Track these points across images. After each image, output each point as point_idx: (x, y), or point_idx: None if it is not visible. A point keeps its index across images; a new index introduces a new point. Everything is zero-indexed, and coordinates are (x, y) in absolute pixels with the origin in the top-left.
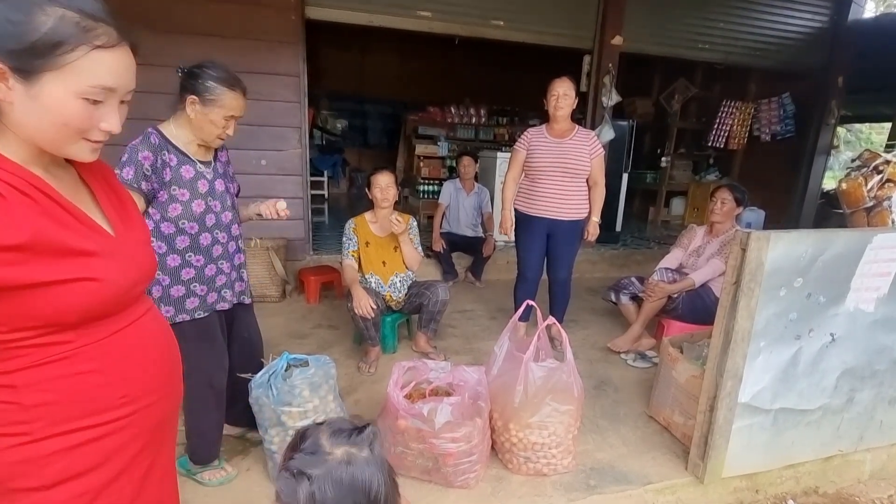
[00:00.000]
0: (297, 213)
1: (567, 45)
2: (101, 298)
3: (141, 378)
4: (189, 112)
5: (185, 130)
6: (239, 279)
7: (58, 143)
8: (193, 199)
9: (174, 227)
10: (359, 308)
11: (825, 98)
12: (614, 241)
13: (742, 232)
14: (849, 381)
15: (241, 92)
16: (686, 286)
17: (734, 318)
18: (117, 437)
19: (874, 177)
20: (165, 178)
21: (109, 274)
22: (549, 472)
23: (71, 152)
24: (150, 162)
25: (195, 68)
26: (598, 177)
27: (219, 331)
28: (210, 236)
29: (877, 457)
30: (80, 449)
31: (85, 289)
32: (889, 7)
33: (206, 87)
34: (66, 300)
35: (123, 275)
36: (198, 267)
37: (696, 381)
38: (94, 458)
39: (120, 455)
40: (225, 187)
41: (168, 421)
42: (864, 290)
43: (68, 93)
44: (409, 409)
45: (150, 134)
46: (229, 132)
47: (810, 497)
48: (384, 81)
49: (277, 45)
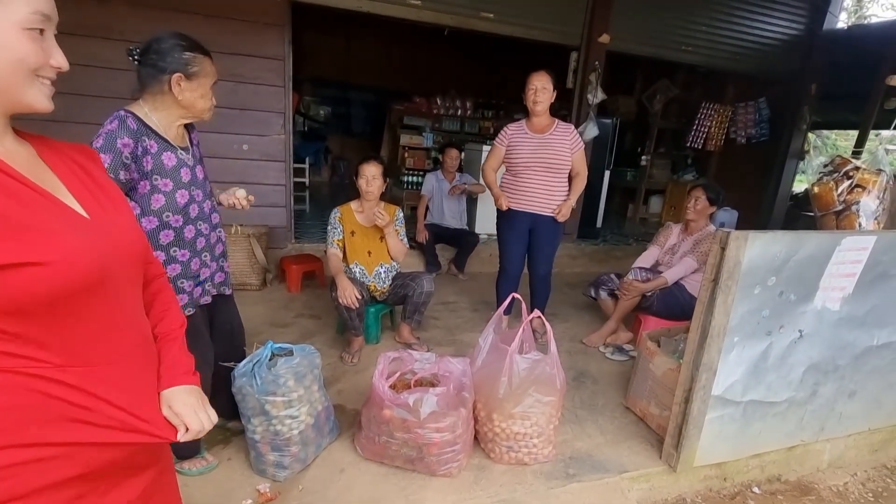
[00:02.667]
0: (279, 200)
1: (555, 40)
2: (61, 282)
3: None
4: (176, 92)
5: (164, 113)
6: (220, 270)
7: (15, 88)
8: (177, 189)
9: (157, 220)
10: (343, 298)
11: (798, 104)
12: (594, 237)
13: (721, 231)
14: (813, 375)
15: (210, 57)
16: (659, 285)
17: (711, 314)
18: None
19: (844, 182)
20: (146, 168)
21: (73, 255)
22: (530, 461)
23: (29, 97)
24: (129, 149)
25: (159, 44)
26: (581, 168)
27: (203, 326)
28: (194, 228)
29: (835, 446)
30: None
31: (36, 273)
32: (860, 19)
33: (186, 60)
34: (19, 286)
35: (93, 257)
36: (183, 262)
37: (673, 374)
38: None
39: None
40: (204, 174)
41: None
42: (832, 289)
43: (14, 24)
44: (394, 399)
45: (125, 117)
46: (214, 101)
47: (773, 484)
48: (369, 69)
49: (263, 27)
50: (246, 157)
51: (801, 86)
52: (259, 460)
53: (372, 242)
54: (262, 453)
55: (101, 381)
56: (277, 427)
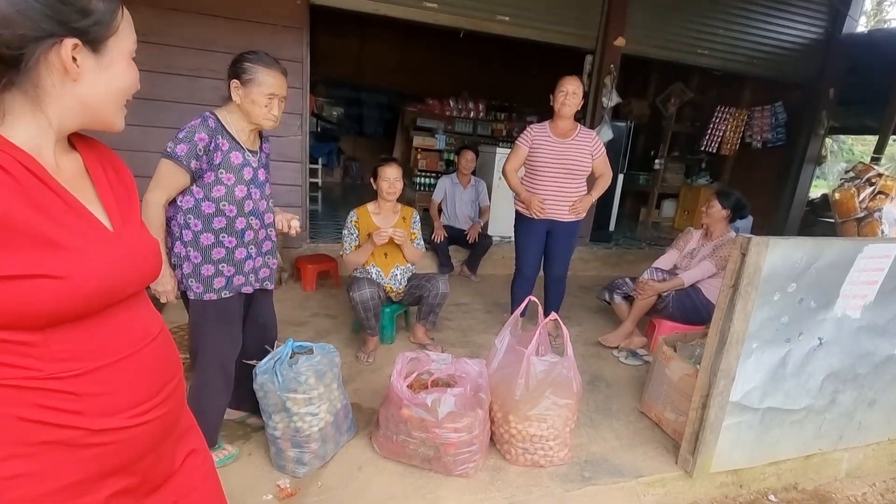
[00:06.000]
0: (295, 200)
1: (571, 43)
2: (72, 295)
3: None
4: (234, 97)
5: (236, 117)
6: (265, 266)
7: (110, 113)
8: (237, 183)
9: (215, 207)
10: (378, 237)
11: (816, 108)
12: (607, 241)
13: (742, 237)
14: (833, 383)
15: (278, 71)
16: (675, 285)
17: (730, 320)
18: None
19: (867, 188)
20: (215, 161)
21: (87, 272)
22: (546, 463)
23: (114, 119)
24: (204, 143)
25: (237, 57)
26: (605, 170)
27: (238, 315)
28: (245, 221)
29: (854, 456)
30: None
31: (52, 286)
32: (880, 22)
33: (244, 69)
34: (31, 296)
35: (111, 272)
36: (229, 248)
37: (690, 379)
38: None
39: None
40: (265, 177)
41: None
42: (853, 296)
43: (124, 54)
44: (412, 399)
45: (208, 117)
46: (275, 112)
47: (790, 493)
48: (382, 70)
49: (282, 29)
50: None
51: (819, 90)
52: (279, 456)
53: (388, 245)
54: (282, 449)
55: (99, 383)
56: (298, 424)
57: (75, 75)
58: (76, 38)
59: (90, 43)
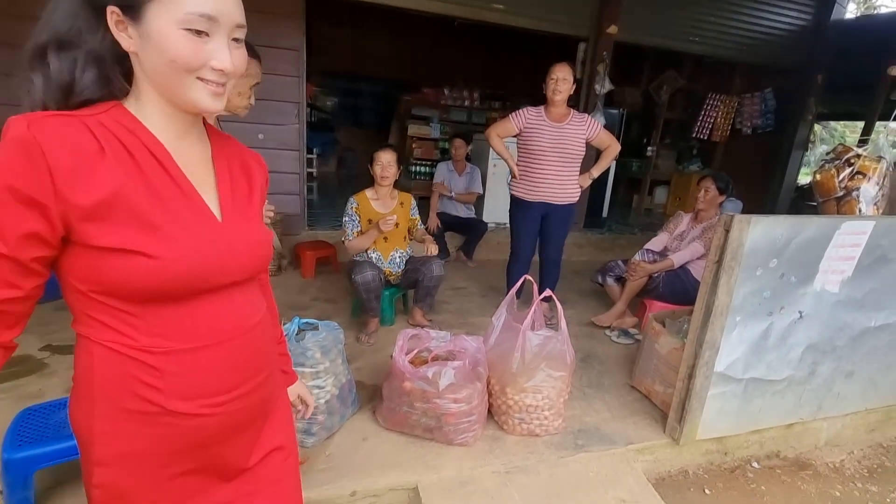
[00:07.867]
0: (293, 188)
1: (564, 31)
2: (161, 274)
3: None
4: None
5: None
6: None
7: (175, 88)
8: None
9: None
10: (385, 224)
11: (804, 95)
12: (600, 226)
13: (725, 214)
14: (812, 355)
15: (252, 56)
16: (665, 266)
17: (715, 294)
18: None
19: (846, 169)
20: None
21: (182, 255)
22: (541, 432)
23: (192, 97)
24: None
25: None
26: (609, 142)
27: None
28: None
29: (832, 425)
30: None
31: (146, 264)
32: (869, 9)
33: None
34: (130, 270)
35: (204, 258)
36: None
37: (677, 353)
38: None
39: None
40: None
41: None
42: (831, 272)
43: (170, 23)
44: (414, 373)
45: None
46: (251, 101)
47: (772, 460)
48: (378, 60)
49: (280, 18)
50: (262, 146)
51: (808, 76)
52: None
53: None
54: None
55: (181, 364)
56: None
57: (129, 45)
58: (115, 5)
59: (128, 10)
